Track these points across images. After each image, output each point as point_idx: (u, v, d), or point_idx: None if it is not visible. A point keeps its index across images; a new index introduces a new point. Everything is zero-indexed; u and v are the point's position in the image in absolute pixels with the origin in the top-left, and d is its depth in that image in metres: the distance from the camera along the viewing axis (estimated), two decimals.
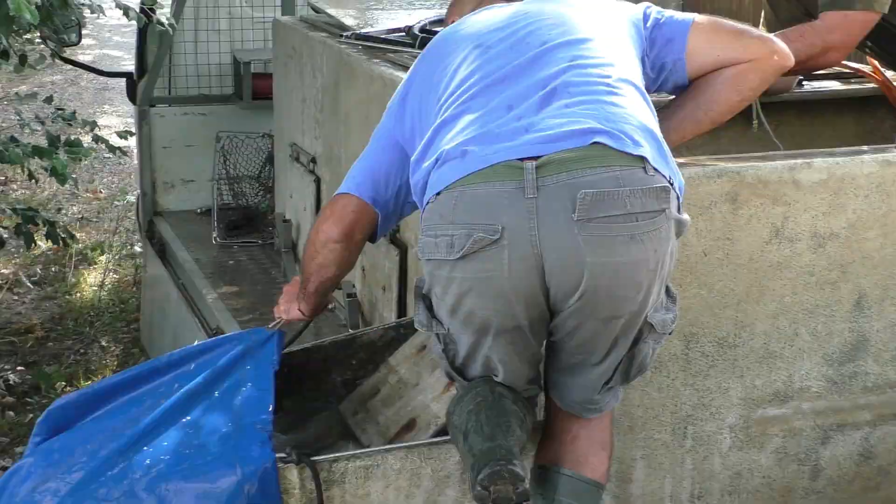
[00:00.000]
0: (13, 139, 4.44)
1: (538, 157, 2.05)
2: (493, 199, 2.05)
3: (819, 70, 3.08)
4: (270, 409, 2.43)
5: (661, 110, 2.44)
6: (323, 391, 2.78)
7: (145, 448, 2.37)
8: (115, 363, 5.58)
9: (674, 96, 2.49)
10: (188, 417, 2.46)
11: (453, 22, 2.56)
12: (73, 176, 4.48)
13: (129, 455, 2.36)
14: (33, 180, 4.90)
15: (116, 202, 7.80)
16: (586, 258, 2.03)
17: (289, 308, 2.61)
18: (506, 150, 2.08)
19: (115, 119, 9.82)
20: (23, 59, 4.44)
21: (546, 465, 2.36)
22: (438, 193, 2.12)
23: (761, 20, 3.44)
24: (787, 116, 3.26)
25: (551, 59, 2.21)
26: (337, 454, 2.40)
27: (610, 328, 2.14)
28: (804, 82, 3.21)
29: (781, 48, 2.42)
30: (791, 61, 2.44)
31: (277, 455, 2.33)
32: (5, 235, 5.07)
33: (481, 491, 2.05)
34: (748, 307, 2.61)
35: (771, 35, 2.50)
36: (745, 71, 2.39)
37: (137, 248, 6.72)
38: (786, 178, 2.57)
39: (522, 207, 2.04)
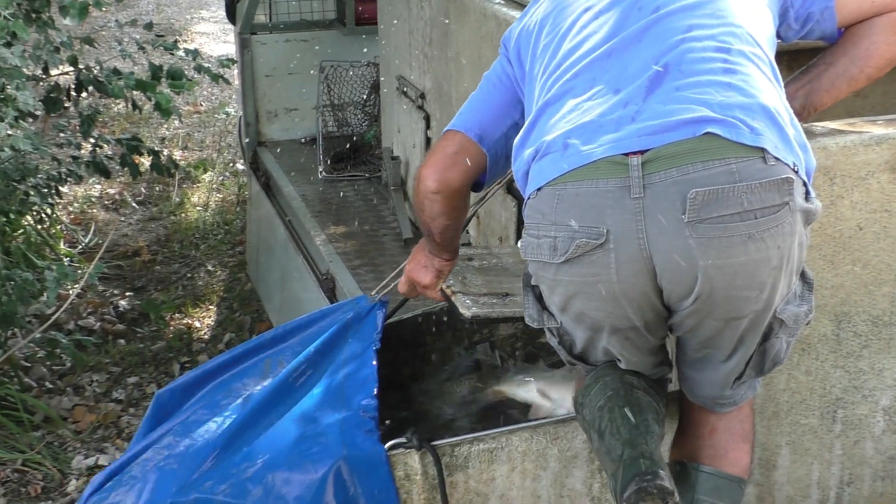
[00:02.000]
0: (116, 71, 4.37)
1: (644, 150, 1.86)
2: (596, 200, 1.89)
3: None
4: (375, 392, 2.35)
5: (810, 68, 2.24)
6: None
7: (251, 435, 2.32)
8: (222, 289, 5.56)
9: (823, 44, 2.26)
10: (294, 400, 2.39)
11: None
12: (179, 110, 4.40)
13: (236, 443, 2.31)
14: (136, 110, 4.83)
15: (217, 115, 7.73)
16: (699, 261, 1.86)
17: (422, 276, 2.47)
18: (609, 144, 1.89)
19: (213, 26, 9.71)
20: None
21: (683, 462, 2.23)
22: (539, 189, 1.96)
23: None
24: None
25: (665, 30, 1.98)
26: (459, 437, 2.31)
27: (732, 327, 1.98)
28: None
29: None
30: None
31: (397, 441, 2.26)
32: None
33: None
34: None
35: None
36: None
37: (240, 167, 6.66)
38: None
39: (628, 208, 1.86)
